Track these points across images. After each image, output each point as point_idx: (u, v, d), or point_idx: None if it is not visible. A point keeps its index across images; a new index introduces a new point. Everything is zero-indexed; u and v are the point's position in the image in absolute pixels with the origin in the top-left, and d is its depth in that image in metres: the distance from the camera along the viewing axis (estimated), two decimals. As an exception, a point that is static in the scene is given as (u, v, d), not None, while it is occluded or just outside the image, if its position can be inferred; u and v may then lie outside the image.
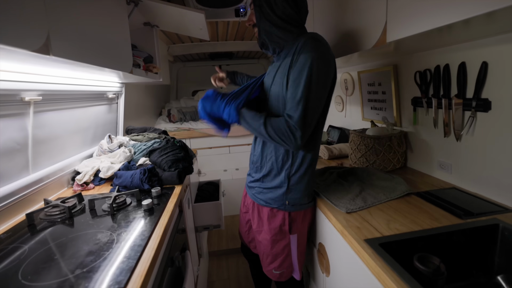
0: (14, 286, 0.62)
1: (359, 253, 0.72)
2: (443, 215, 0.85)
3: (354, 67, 1.78)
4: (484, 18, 0.64)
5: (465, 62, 0.99)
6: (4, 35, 0.58)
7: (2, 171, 0.97)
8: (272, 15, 0.92)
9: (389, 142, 1.28)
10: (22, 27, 0.64)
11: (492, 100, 0.91)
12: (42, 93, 1.09)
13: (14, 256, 0.74)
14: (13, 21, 0.61)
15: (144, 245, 0.75)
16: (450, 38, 0.92)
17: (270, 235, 1.05)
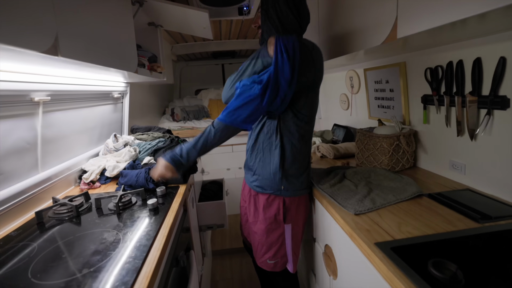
0: (24, 284, 0.62)
1: (369, 257, 0.70)
2: (458, 218, 0.82)
3: (360, 64, 1.74)
4: (501, 12, 0.61)
5: (480, 57, 0.95)
6: (14, 37, 0.58)
7: (13, 170, 0.97)
8: (275, 20, 0.99)
9: (398, 141, 1.25)
10: (31, 29, 0.64)
11: (511, 98, 0.87)
12: (51, 94, 1.10)
13: (24, 253, 0.75)
14: (22, 23, 0.61)
15: (150, 245, 0.75)
16: (464, 33, 0.88)
17: (265, 224, 1.10)
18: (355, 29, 1.15)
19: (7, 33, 0.56)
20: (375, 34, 0.98)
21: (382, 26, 0.93)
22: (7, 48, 0.58)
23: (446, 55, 1.08)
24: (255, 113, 0.94)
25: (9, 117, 0.96)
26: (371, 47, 1.03)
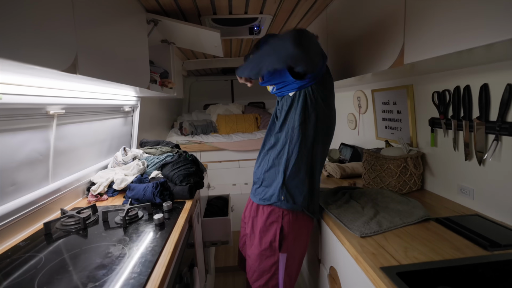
0: None
1: (374, 281, 0.69)
2: (466, 245, 0.80)
3: (367, 85, 1.77)
4: (508, 43, 0.62)
5: (487, 83, 0.96)
6: (36, 57, 0.62)
7: (25, 180, 1.00)
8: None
9: (405, 163, 1.25)
10: (53, 49, 0.68)
11: (518, 124, 0.88)
12: (65, 107, 1.14)
13: (31, 264, 0.76)
14: (45, 43, 0.65)
15: (155, 261, 0.75)
16: (471, 60, 0.90)
17: (260, 249, 1.06)
18: (363, 52, 1.18)
19: (30, 53, 0.60)
20: (382, 59, 1.01)
21: (390, 52, 0.96)
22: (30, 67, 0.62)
23: (454, 80, 1.10)
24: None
25: (25, 129, 1.00)
26: (378, 71, 1.06)
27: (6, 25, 0.54)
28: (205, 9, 1.51)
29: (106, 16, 1.00)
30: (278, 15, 1.63)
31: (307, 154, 1.03)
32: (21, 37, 0.58)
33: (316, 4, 1.50)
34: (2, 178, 0.90)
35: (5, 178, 0.91)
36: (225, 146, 2.69)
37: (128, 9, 1.23)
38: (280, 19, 1.71)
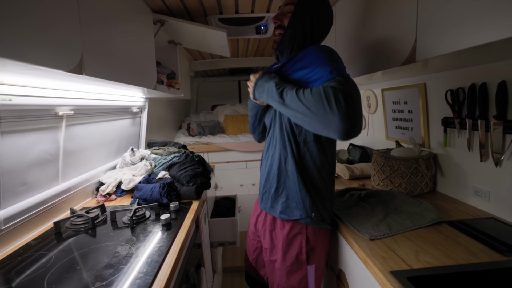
0: None
1: (384, 286, 0.67)
2: (481, 249, 0.77)
3: (377, 84, 1.73)
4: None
5: (505, 81, 0.92)
6: (41, 58, 0.62)
7: (36, 180, 1.02)
8: (307, 23, 0.92)
9: (416, 164, 1.21)
10: (59, 50, 0.69)
11: (537, 124, 0.84)
12: (74, 108, 1.16)
13: (41, 263, 0.77)
14: (51, 44, 0.66)
15: (161, 261, 0.75)
16: (488, 56, 0.86)
17: (285, 265, 0.96)
18: (374, 49, 1.15)
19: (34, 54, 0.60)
20: (393, 56, 0.98)
21: (401, 48, 0.93)
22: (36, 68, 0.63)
23: (469, 77, 1.06)
24: None
25: (35, 130, 1.01)
26: (389, 69, 1.03)
27: (13, 27, 0.55)
28: (211, 9, 1.51)
29: (112, 16, 1.01)
30: (285, 14, 1.61)
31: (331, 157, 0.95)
32: (26, 38, 0.59)
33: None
34: (13, 178, 0.92)
35: (16, 178, 0.93)
36: (233, 147, 2.69)
37: (134, 10, 1.23)
38: (287, 18, 1.70)
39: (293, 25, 0.93)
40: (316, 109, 0.73)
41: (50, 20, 0.66)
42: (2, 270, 0.75)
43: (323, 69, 0.79)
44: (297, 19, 0.92)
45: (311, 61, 0.83)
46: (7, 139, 0.88)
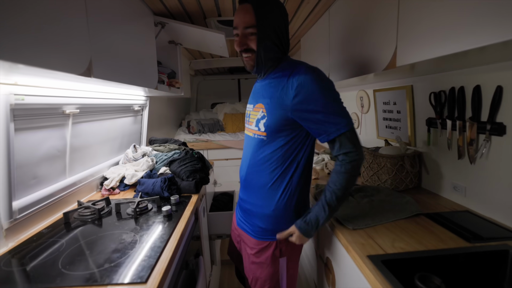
0: (56, 273, 0.73)
1: (361, 268, 0.75)
2: (451, 238, 0.86)
3: (370, 85, 1.81)
4: (499, 46, 0.64)
5: (480, 85, 1.00)
6: (56, 63, 0.70)
7: (45, 174, 1.10)
8: (274, 38, 0.90)
9: (402, 161, 1.29)
10: (71, 55, 0.77)
11: (507, 125, 0.91)
12: (79, 107, 1.23)
13: (54, 248, 0.86)
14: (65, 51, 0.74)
15: (163, 246, 0.83)
16: (464, 62, 0.94)
17: (257, 261, 1.00)
18: (362, 54, 1.23)
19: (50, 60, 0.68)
20: (378, 61, 1.06)
21: (384, 54, 1.01)
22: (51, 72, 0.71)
23: (449, 81, 1.13)
24: None
25: (44, 127, 1.09)
26: (374, 72, 1.11)
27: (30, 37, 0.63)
28: (210, 11, 1.58)
29: (116, 21, 1.08)
30: (281, 17, 1.68)
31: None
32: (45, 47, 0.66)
33: (318, 6, 1.55)
34: (25, 172, 1.00)
35: (28, 172, 1.01)
36: (232, 144, 2.77)
37: (137, 13, 1.31)
38: (283, 21, 1.77)
39: (263, 47, 0.90)
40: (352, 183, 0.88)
41: (63, 30, 0.74)
42: (20, 254, 0.83)
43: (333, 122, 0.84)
44: (264, 40, 0.89)
45: (318, 106, 0.84)
46: (20, 135, 0.95)
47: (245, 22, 0.89)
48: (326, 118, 0.84)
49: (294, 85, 0.86)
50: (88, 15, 0.86)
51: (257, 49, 0.91)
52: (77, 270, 0.73)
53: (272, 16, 0.89)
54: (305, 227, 0.89)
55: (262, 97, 0.95)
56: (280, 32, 0.92)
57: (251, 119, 1.00)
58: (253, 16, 0.87)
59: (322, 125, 0.85)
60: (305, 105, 0.85)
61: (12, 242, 0.90)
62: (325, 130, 0.86)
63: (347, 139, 0.85)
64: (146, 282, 0.68)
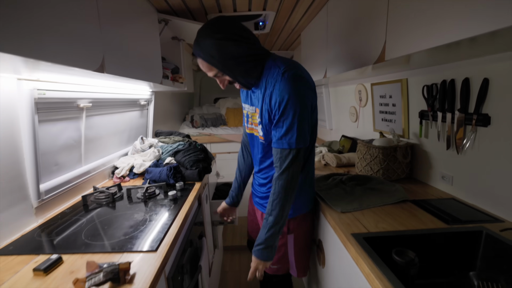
0: (81, 242, 0.85)
1: (345, 244, 0.84)
2: (431, 220, 0.93)
3: (368, 78, 1.86)
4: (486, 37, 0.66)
5: (468, 78, 1.05)
6: (76, 60, 0.80)
7: (64, 162, 1.21)
8: (239, 61, 0.89)
9: (394, 152, 1.37)
10: (86, 53, 0.86)
11: (491, 116, 0.97)
12: (92, 101, 1.33)
13: (77, 225, 0.98)
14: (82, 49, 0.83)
15: (170, 223, 0.94)
16: (452, 55, 0.98)
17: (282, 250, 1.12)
18: (356, 48, 1.29)
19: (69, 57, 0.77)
20: (369, 55, 1.13)
21: (374, 48, 1.08)
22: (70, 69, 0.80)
23: (441, 74, 1.18)
24: None
25: (62, 119, 1.19)
26: (366, 66, 1.17)
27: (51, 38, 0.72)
28: (211, 8, 1.65)
29: (124, 20, 1.17)
30: (281, 11, 1.74)
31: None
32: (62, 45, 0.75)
33: (316, 0, 1.61)
34: (48, 159, 1.11)
35: (50, 159, 1.12)
36: (234, 138, 2.87)
37: (142, 11, 1.39)
38: (283, 15, 1.83)
39: (238, 76, 0.92)
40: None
41: (79, 30, 0.83)
42: (48, 228, 0.96)
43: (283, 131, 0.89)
44: (234, 73, 0.91)
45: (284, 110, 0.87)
46: (43, 126, 1.06)
47: (210, 72, 0.93)
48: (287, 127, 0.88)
49: (272, 88, 0.89)
50: (99, 15, 0.95)
51: (236, 81, 0.94)
52: (98, 241, 0.85)
53: (222, 52, 0.86)
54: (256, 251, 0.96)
55: (256, 102, 0.99)
56: (238, 53, 0.87)
57: (253, 120, 1.04)
58: (208, 65, 0.90)
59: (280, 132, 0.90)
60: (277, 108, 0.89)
61: (41, 219, 1.03)
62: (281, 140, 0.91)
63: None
64: (156, 251, 0.79)
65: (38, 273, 0.71)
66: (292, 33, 2.30)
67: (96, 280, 0.65)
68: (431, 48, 0.79)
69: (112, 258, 0.77)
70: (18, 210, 0.94)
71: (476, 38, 0.66)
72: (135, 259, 0.75)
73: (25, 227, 0.97)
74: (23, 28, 0.61)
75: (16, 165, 0.94)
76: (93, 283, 0.64)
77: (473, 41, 0.73)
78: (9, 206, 0.90)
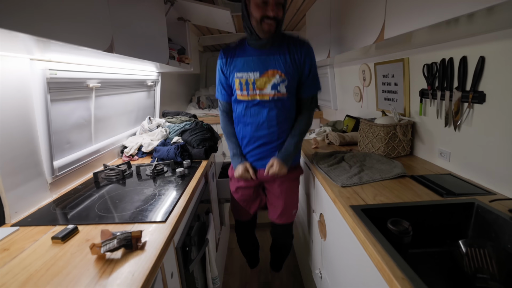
0: (94, 215, 0.91)
1: (344, 215, 0.89)
2: (427, 193, 0.98)
3: (371, 58, 1.85)
4: (482, 14, 0.67)
5: (466, 56, 1.06)
6: (86, 40, 0.82)
7: (76, 140, 1.27)
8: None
9: (394, 130, 1.39)
10: (97, 34, 0.88)
11: (486, 93, 0.99)
12: (101, 81, 1.37)
13: (90, 199, 1.04)
14: (92, 30, 0.86)
15: (178, 197, 1.00)
16: (451, 34, 0.99)
17: (294, 186, 1.39)
18: (356, 28, 1.29)
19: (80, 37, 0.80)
20: (369, 35, 1.13)
21: (374, 28, 1.08)
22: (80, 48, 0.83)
23: (441, 53, 1.19)
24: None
25: (73, 99, 1.24)
26: (367, 45, 1.18)
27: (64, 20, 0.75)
28: (216, -11, 1.64)
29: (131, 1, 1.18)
30: (285, -9, 1.72)
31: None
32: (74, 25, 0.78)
33: (321, -20, 1.58)
34: (61, 138, 1.16)
35: (63, 138, 1.17)
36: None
37: (148, -8, 1.39)
38: (288, -5, 1.81)
39: (283, 16, 1.14)
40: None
41: (89, 11, 0.85)
42: (63, 202, 1.02)
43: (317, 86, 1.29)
44: (285, 13, 1.14)
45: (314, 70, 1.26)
46: (55, 106, 1.11)
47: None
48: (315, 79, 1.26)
49: (303, 54, 1.20)
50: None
51: (281, 18, 1.13)
52: (110, 213, 0.91)
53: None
54: (283, 157, 1.25)
55: (274, 65, 1.19)
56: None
57: (259, 85, 1.21)
58: None
59: (313, 84, 1.26)
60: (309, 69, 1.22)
61: (56, 194, 1.09)
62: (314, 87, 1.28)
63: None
64: (165, 222, 0.85)
65: (56, 241, 0.76)
66: (297, 13, 2.27)
67: (111, 246, 0.70)
68: (429, 26, 0.80)
69: (124, 228, 0.82)
70: (34, 185, 0.99)
71: (474, 14, 0.67)
72: (146, 229, 0.81)
73: (41, 201, 1.02)
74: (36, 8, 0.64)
75: (31, 143, 0.99)
76: (108, 249, 0.69)
77: (471, 18, 0.74)
78: (26, 181, 0.96)
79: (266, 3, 1.08)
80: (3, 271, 0.66)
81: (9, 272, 0.65)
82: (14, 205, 0.91)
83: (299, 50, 1.19)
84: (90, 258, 0.69)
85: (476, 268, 0.77)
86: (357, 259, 0.82)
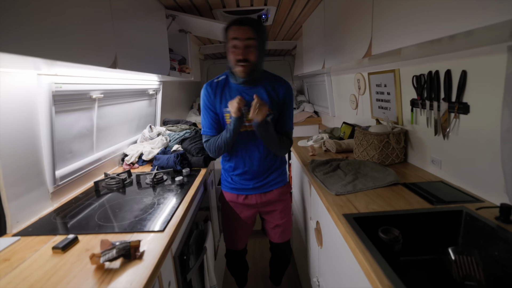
0: (94, 224, 0.93)
1: (337, 223, 0.92)
2: (418, 201, 1.01)
3: (365, 68, 1.91)
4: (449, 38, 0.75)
5: (450, 69, 1.11)
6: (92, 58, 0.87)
7: (78, 150, 1.31)
8: (263, 53, 1.20)
9: (387, 138, 1.43)
10: (102, 52, 0.93)
11: (470, 104, 1.04)
12: (103, 92, 1.41)
13: (90, 208, 1.07)
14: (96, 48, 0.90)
15: (177, 206, 1.03)
16: (434, 49, 1.05)
17: (289, 205, 1.48)
18: (347, 43, 1.35)
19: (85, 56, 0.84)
20: (358, 49, 1.19)
21: (363, 44, 1.13)
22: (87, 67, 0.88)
23: (428, 65, 1.24)
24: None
25: (76, 110, 1.28)
26: (357, 59, 1.23)
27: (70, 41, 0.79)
28: (215, 4, 1.70)
29: (134, 18, 1.23)
30: (281, 5, 1.79)
31: None
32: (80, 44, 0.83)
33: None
34: (63, 147, 1.20)
35: (65, 147, 1.21)
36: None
37: (150, 8, 1.45)
38: (284, 9, 1.87)
39: (259, 58, 1.16)
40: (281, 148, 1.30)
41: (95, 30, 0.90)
42: (64, 212, 1.05)
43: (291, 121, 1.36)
44: (260, 52, 1.15)
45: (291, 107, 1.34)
46: (59, 117, 1.15)
47: (246, 35, 1.10)
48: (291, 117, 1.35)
49: (283, 91, 1.28)
50: (112, 15, 1.01)
51: (256, 61, 1.15)
52: (110, 222, 0.94)
53: (264, 35, 1.17)
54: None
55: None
56: (265, 50, 1.19)
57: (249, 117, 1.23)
58: (253, 31, 1.10)
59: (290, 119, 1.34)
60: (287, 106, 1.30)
61: (56, 203, 1.12)
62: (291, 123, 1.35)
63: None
64: (163, 231, 0.87)
65: (56, 251, 0.77)
66: (294, 24, 2.33)
67: (110, 256, 0.71)
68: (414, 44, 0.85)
69: (123, 237, 0.84)
70: (35, 195, 1.01)
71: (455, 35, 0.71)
72: (144, 238, 0.83)
73: (42, 211, 1.04)
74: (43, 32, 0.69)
75: (35, 153, 1.02)
76: (107, 258, 0.70)
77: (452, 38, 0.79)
78: (28, 191, 0.98)
79: (235, 47, 1.11)
80: (3, 282, 0.67)
81: (10, 282, 0.66)
82: (16, 215, 0.93)
83: (281, 87, 1.27)
84: (90, 268, 0.71)
85: (464, 275, 0.80)
86: (350, 267, 0.85)
